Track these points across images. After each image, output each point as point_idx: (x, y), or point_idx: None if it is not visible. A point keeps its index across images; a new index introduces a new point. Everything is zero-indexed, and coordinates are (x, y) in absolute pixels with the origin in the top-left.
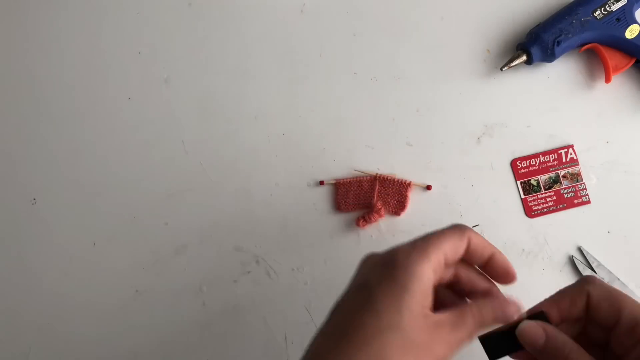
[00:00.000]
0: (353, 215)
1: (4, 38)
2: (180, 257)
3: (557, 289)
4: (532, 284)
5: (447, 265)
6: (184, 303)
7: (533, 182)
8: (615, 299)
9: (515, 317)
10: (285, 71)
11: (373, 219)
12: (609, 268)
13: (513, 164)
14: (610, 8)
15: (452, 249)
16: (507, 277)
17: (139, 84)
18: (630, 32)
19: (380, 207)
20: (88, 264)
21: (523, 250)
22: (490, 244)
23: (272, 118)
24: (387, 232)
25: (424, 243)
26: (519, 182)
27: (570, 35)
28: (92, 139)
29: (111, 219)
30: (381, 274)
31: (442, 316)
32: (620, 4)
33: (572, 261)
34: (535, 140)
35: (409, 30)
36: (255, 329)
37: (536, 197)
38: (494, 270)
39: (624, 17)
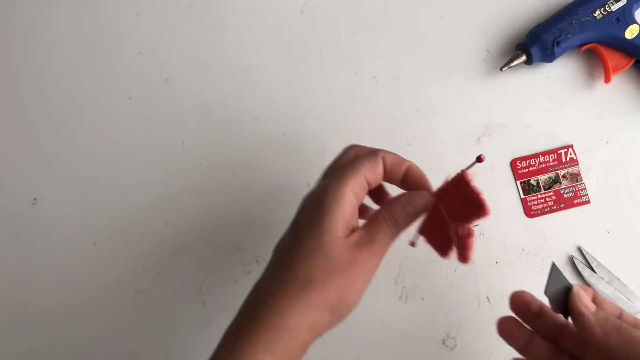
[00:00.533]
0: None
1: (3, 38)
2: (180, 257)
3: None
4: (532, 284)
5: (370, 185)
6: (184, 303)
7: (533, 182)
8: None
9: (424, 204)
10: (285, 71)
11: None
12: (608, 268)
13: (513, 164)
14: (609, 8)
15: (369, 169)
16: (423, 186)
17: (139, 84)
18: (630, 32)
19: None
20: (88, 264)
21: (523, 250)
22: (403, 158)
23: (272, 118)
24: None
25: (341, 172)
26: (518, 182)
27: (569, 36)
28: (92, 139)
29: (111, 219)
30: (307, 207)
31: (360, 231)
32: (619, 4)
33: (571, 261)
34: (535, 140)
35: (409, 30)
36: None
37: (536, 197)
38: (411, 182)
39: (624, 17)
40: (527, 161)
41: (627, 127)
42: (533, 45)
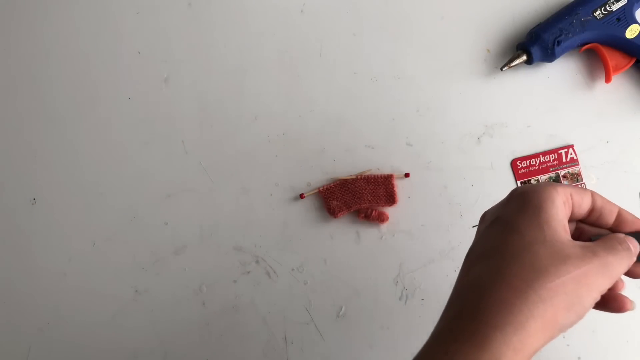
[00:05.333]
0: (353, 215)
1: (3, 38)
2: (180, 257)
3: None
4: None
5: (574, 210)
6: (184, 303)
7: (533, 182)
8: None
9: None
10: (285, 71)
11: (373, 215)
12: None
13: (513, 163)
14: (610, 8)
15: (576, 193)
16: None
17: (139, 83)
18: (631, 32)
19: (380, 212)
20: (88, 264)
21: None
22: (614, 203)
23: (272, 118)
24: (387, 232)
25: (552, 183)
26: (519, 182)
27: (570, 35)
28: (92, 139)
29: (111, 219)
30: (512, 206)
31: (589, 243)
32: (620, 4)
33: None
34: (535, 140)
35: (409, 30)
36: (255, 329)
37: None
38: (626, 228)
39: (624, 17)
40: (528, 161)
41: (627, 127)
42: (533, 45)
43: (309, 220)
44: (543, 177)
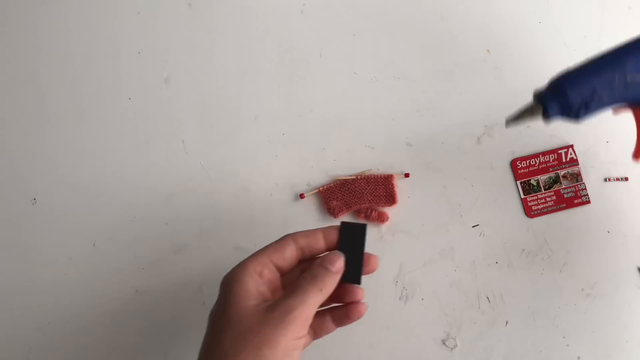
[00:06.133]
0: (353, 215)
1: (3, 38)
2: (180, 257)
3: (557, 289)
4: (532, 284)
5: (282, 264)
6: (184, 303)
7: (533, 182)
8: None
9: (338, 260)
10: (285, 71)
11: (373, 215)
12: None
13: (513, 164)
14: None
15: (275, 252)
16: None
17: (139, 83)
18: None
19: (380, 212)
20: (88, 264)
21: (523, 250)
22: (313, 231)
23: (272, 118)
24: (387, 233)
25: (246, 258)
26: (518, 182)
27: (605, 99)
28: (92, 139)
29: (111, 219)
30: (217, 299)
31: (279, 297)
32: None
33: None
34: (535, 140)
35: (409, 30)
36: None
37: (536, 197)
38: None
39: None
40: (527, 161)
41: (627, 127)
42: (553, 99)
43: (309, 220)
44: (543, 177)
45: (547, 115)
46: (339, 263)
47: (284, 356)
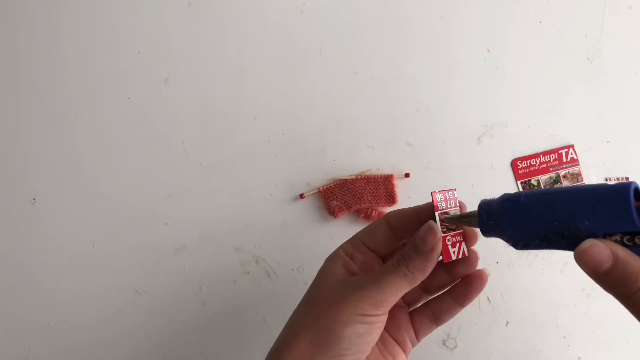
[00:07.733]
0: (353, 215)
1: (3, 38)
2: (180, 257)
3: (557, 289)
4: (532, 284)
5: (375, 245)
6: (184, 303)
7: (533, 182)
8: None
9: (429, 231)
10: (285, 71)
11: (373, 215)
12: None
13: (513, 164)
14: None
15: (364, 234)
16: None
17: (139, 83)
18: None
19: (380, 212)
20: (88, 264)
21: None
22: (406, 210)
23: (272, 118)
24: None
25: (341, 245)
26: (519, 182)
27: (547, 247)
28: (92, 139)
29: (111, 219)
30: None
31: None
32: None
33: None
34: (535, 140)
35: (409, 30)
36: (255, 329)
37: None
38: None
39: None
40: (528, 161)
41: (627, 127)
42: (491, 231)
43: (309, 220)
44: (544, 177)
45: (483, 228)
46: (431, 238)
47: (343, 327)
